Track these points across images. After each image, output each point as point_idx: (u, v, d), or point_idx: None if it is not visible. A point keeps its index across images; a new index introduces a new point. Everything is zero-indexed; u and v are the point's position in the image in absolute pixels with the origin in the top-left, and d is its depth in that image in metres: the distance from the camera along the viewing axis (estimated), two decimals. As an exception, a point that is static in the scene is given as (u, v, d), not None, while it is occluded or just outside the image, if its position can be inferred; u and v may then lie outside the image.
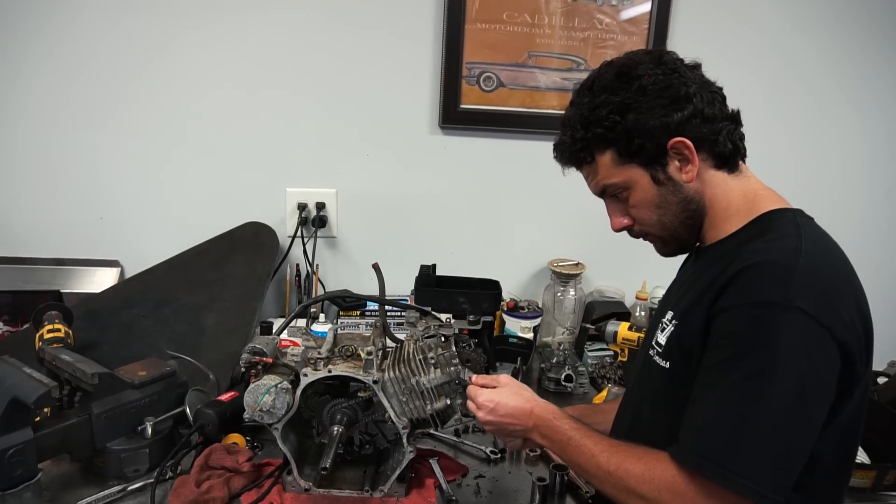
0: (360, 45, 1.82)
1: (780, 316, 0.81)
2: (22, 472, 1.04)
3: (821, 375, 0.82)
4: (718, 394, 0.85)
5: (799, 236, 0.88)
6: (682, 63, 0.97)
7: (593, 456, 0.95)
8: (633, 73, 0.94)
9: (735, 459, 0.81)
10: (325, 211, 1.91)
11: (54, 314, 1.42)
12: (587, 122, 0.96)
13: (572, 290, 1.92)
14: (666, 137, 0.92)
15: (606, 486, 0.93)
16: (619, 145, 0.95)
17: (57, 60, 1.74)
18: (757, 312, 0.83)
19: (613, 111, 0.93)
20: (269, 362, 1.14)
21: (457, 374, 1.10)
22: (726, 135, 0.95)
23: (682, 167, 0.95)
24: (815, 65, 1.96)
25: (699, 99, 0.93)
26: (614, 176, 0.98)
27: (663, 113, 0.92)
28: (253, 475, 1.20)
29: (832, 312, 0.82)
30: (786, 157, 2.00)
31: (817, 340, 0.81)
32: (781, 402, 0.80)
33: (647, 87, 0.92)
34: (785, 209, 0.95)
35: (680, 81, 0.93)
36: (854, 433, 0.93)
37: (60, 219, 1.85)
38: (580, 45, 1.87)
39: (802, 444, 0.82)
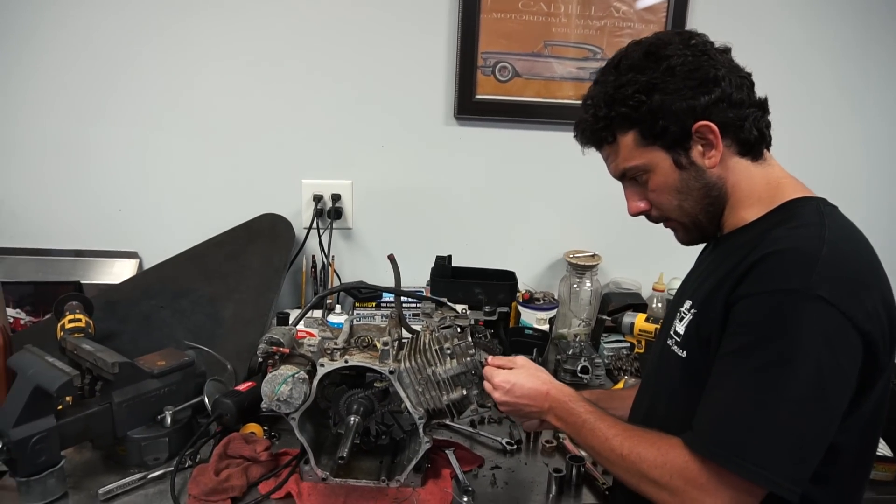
0: (376, 36, 1.82)
1: (801, 304, 0.79)
2: (46, 459, 1.06)
3: (841, 366, 0.80)
4: (734, 381, 0.84)
5: (822, 224, 0.86)
6: (711, 45, 0.94)
7: (607, 439, 0.94)
8: (662, 53, 0.91)
9: (749, 448, 0.80)
10: (341, 202, 1.91)
11: (75, 304, 1.44)
12: (611, 100, 0.94)
13: (588, 281, 1.91)
14: (692, 120, 0.90)
15: (619, 469, 0.93)
16: (642, 126, 0.92)
17: (76, 54, 1.75)
18: (777, 300, 0.81)
19: (639, 90, 0.91)
20: (287, 353, 1.15)
21: (473, 364, 1.10)
22: (752, 121, 0.92)
23: (706, 152, 0.92)
24: (841, 54, 1.92)
25: (727, 83, 0.90)
26: (636, 158, 0.95)
27: (690, 95, 0.89)
28: (270, 464, 1.21)
29: (855, 302, 0.80)
30: (808, 148, 1.96)
31: (838, 330, 0.79)
32: (799, 391, 0.79)
33: (675, 68, 0.89)
34: (809, 197, 0.93)
35: (709, 64, 0.90)
36: (875, 425, 0.92)
37: (80, 211, 1.87)
38: (596, 34, 1.85)
39: (820, 434, 0.81)
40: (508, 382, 1.05)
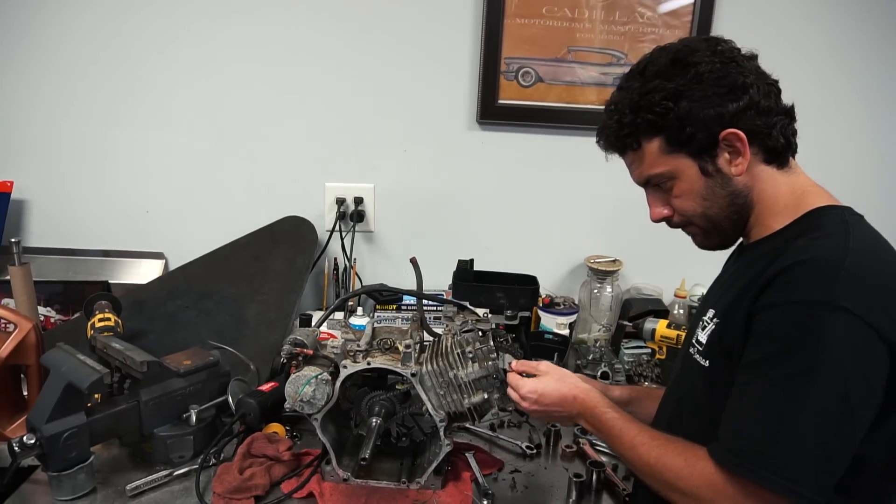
0: (399, 40, 1.83)
1: (824, 315, 0.79)
2: (76, 454, 1.09)
3: (866, 376, 0.80)
4: (758, 392, 0.83)
5: (847, 234, 0.86)
6: (738, 52, 0.94)
7: (634, 447, 0.95)
8: (690, 60, 0.91)
9: (773, 459, 0.80)
10: (363, 206, 1.93)
11: (104, 304, 1.47)
12: (637, 107, 0.93)
13: (609, 286, 1.90)
14: (719, 128, 0.89)
15: (646, 477, 0.94)
16: (668, 133, 0.92)
17: (107, 60, 1.80)
18: (801, 311, 0.81)
19: (666, 97, 0.90)
20: (310, 354, 1.17)
21: (494, 368, 1.11)
22: (780, 129, 0.92)
23: (732, 160, 0.92)
24: (869, 61, 1.89)
25: (755, 90, 0.90)
26: (661, 165, 0.95)
27: (718, 102, 0.89)
28: (293, 464, 1.22)
29: (880, 312, 0.80)
30: (840, 153, 1.93)
31: (863, 340, 0.79)
32: (823, 403, 0.79)
33: (703, 75, 0.89)
34: (833, 206, 0.93)
35: (737, 71, 0.90)
36: None
37: (108, 212, 1.91)
38: (620, 40, 1.85)
39: (845, 445, 0.80)
40: (535, 392, 1.06)
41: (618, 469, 1.28)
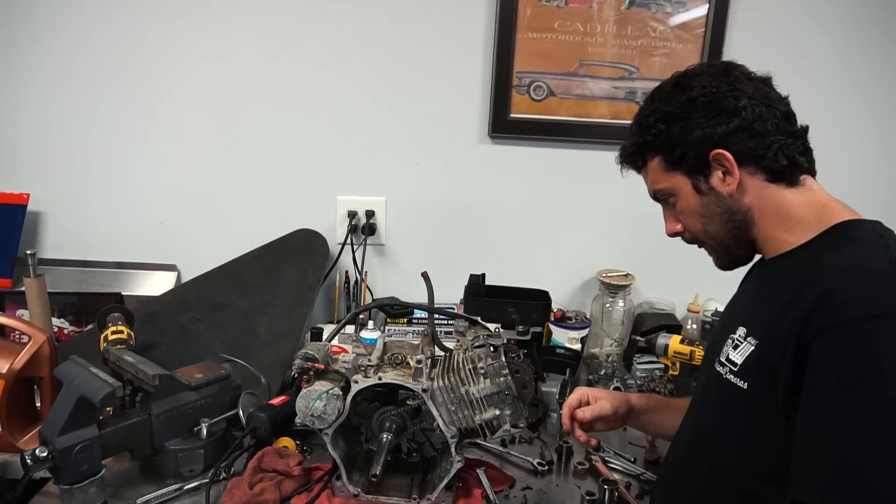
0: (411, 54, 1.84)
1: (890, 328, 0.75)
2: (88, 467, 1.09)
3: None
4: (840, 424, 0.77)
5: (886, 246, 0.84)
6: (745, 76, 0.97)
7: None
8: (688, 85, 0.96)
9: (873, 486, 0.74)
10: (375, 219, 1.93)
11: (117, 316, 1.48)
12: (640, 128, 1.01)
13: (621, 301, 1.89)
14: (708, 148, 0.94)
15: None
16: (664, 153, 0.98)
17: (122, 72, 1.82)
18: (866, 329, 0.76)
19: (660, 119, 0.97)
20: (321, 368, 1.17)
21: (506, 384, 1.10)
22: (778, 149, 0.93)
23: (725, 179, 0.95)
24: (886, 75, 1.88)
25: (748, 112, 0.92)
26: (662, 182, 1.01)
27: (707, 124, 0.93)
28: (303, 479, 1.22)
29: None
30: (853, 166, 1.92)
31: None
32: None
33: (696, 99, 0.94)
34: (862, 220, 0.91)
35: (731, 95, 0.93)
36: None
37: (122, 225, 1.93)
38: (633, 54, 1.85)
39: None
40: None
41: (630, 487, 1.26)
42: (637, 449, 1.41)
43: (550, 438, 1.43)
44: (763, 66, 1.78)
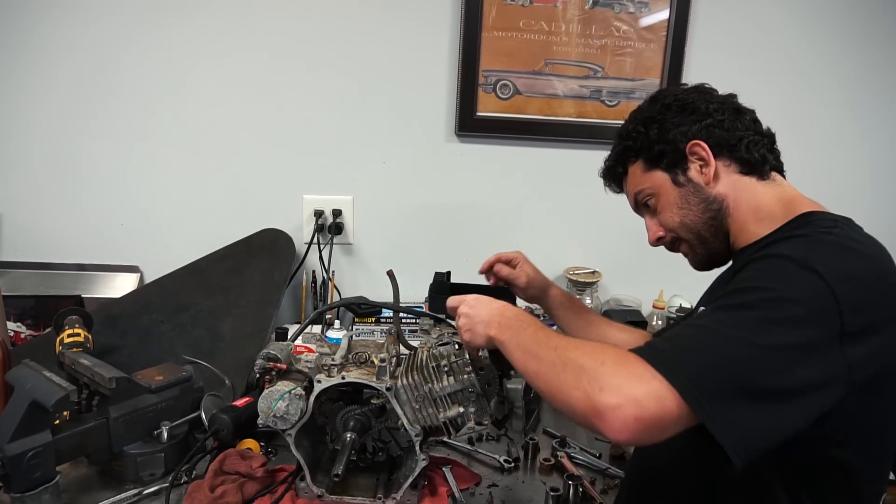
0: (377, 53, 1.84)
1: (794, 269, 0.78)
2: (41, 474, 1.05)
3: (810, 338, 0.75)
4: (699, 320, 0.82)
5: (834, 225, 0.87)
6: (710, 91, 1.06)
7: (550, 338, 0.88)
8: (661, 96, 1.06)
9: (668, 347, 0.76)
10: (342, 218, 1.92)
11: (75, 319, 1.44)
12: (620, 137, 1.10)
13: (588, 298, 1.91)
14: (684, 142, 1.00)
15: (545, 363, 0.84)
16: (644, 154, 1.05)
17: (77, 68, 1.78)
18: (770, 261, 0.82)
19: (639, 124, 1.06)
20: (284, 368, 1.15)
21: (470, 382, 1.10)
22: (749, 143, 0.99)
23: (702, 170, 1.01)
24: (835, 75, 1.94)
25: (719, 113, 1.00)
26: (643, 183, 1.07)
27: (682, 122, 1.01)
28: (266, 481, 1.20)
29: (847, 288, 0.76)
30: (812, 163, 1.97)
31: (821, 303, 0.75)
32: (748, 324, 0.75)
33: (670, 105, 1.03)
34: (826, 212, 0.94)
35: (701, 99, 1.02)
36: (886, 443, 0.89)
37: (82, 225, 1.88)
38: (597, 53, 1.87)
39: (756, 382, 0.73)
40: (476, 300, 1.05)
41: (595, 483, 1.27)
42: (603, 444, 1.42)
43: (517, 436, 1.44)
44: (723, 64, 1.83)
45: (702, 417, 0.71)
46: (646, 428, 0.71)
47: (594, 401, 0.72)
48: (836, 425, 0.81)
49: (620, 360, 0.75)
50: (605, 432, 0.72)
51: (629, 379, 0.72)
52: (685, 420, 0.71)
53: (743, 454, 0.71)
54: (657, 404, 0.70)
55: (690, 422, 0.72)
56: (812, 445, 0.83)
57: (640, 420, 0.70)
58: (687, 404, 0.70)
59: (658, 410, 0.70)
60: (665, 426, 0.71)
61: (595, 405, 0.72)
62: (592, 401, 0.73)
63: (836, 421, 0.80)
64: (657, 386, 0.71)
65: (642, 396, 0.71)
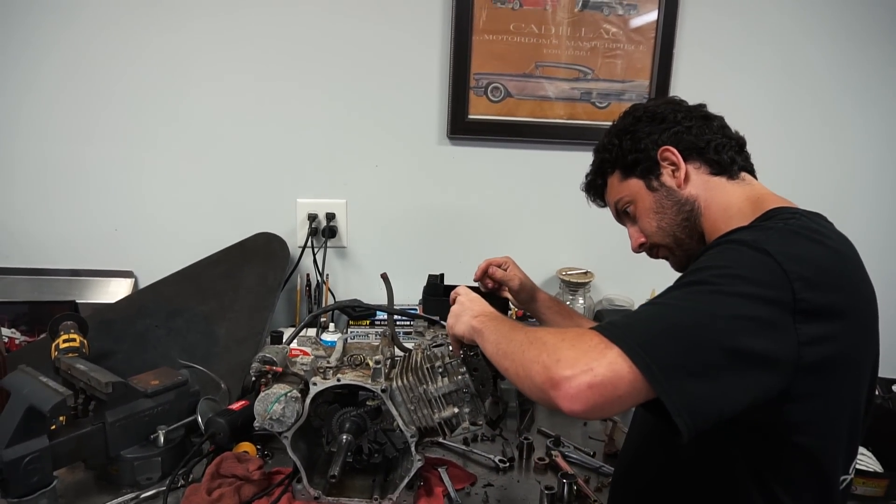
0: (369, 57, 1.85)
1: (745, 250, 0.82)
2: (38, 479, 1.06)
3: (765, 314, 0.76)
4: (656, 299, 0.85)
5: (790, 221, 0.89)
6: (680, 103, 1.11)
7: (525, 327, 0.91)
8: (633, 110, 1.12)
9: (625, 324, 0.78)
10: (335, 221, 1.93)
11: (70, 324, 1.45)
12: (597, 151, 1.17)
13: (581, 298, 1.92)
14: (655, 149, 1.05)
15: (514, 343, 0.86)
16: (620, 164, 1.11)
17: (69, 72, 1.78)
18: (723, 246, 0.85)
19: (614, 136, 1.12)
20: (279, 371, 1.16)
21: (464, 382, 1.11)
22: (717, 145, 1.03)
23: (674, 173, 1.05)
24: (823, 72, 1.97)
25: (687, 120, 1.06)
26: (620, 191, 1.12)
27: (652, 131, 1.06)
28: (263, 483, 1.21)
29: (798, 268, 0.78)
30: (792, 163, 2.01)
31: (774, 281, 0.77)
32: (705, 305, 0.76)
33: (641, 117, 1.09)
34: (791, 207, 0.96)
35: (669, 109, 1.08)
36: (845, 431, 0.90)
37: (76, 231, 1.88)
38: (588, 55, 1.88)
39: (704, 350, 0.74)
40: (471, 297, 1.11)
41: (590, 481, 1.29)
42: (596, 443, 1.43)
43: (511, 436, 1.45)
44: (712, 64, 1.85)
45: (651, 382, 0.72)
46: (599, 395, 0.72)
47: (551, 372, 0.75)
48: (796, 411, 0.83)
49: (579, 334, 0.78)
50: (560, 403, 0.74)
51: (585, 350, 0.75)
52: (638, 388, 0.73)
53: (687, 418, 0.72)
54: (608, 369, 0.72)
55: (645, 392, 0.73)
56: (776, 433, 0.86)
57: (593, 387, 0.72)
58: (637, 369, 0.72)
59: (610, 376, 0.72)
60: (618, 395, 0.72)
61: (551, 376, 0.75)
62: (549, 372, 0.75)
63: (795, 406, 0.82)
64: (609, 354, 0.73)
65: (595, 364, 0.73)
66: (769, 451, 0.88)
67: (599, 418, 0.76)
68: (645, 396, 0.74)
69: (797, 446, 0.86)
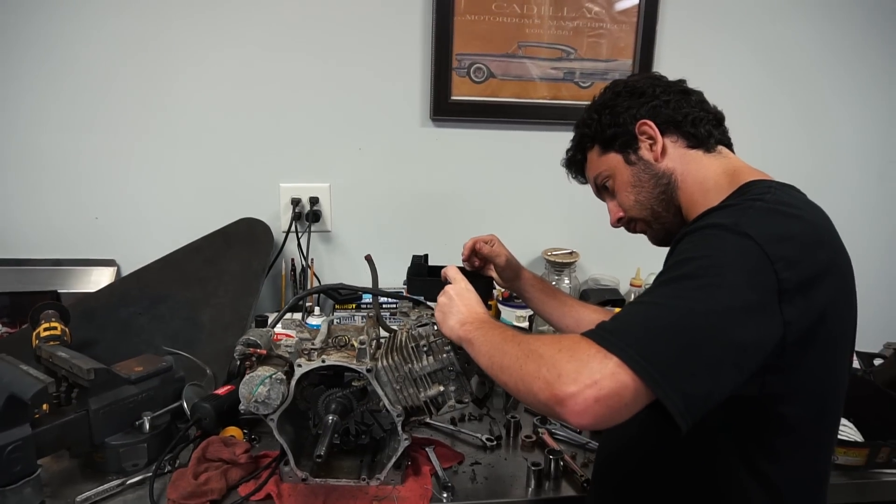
0: (350, 39, 1.83)
1: (727, 235, 0.82)
2: (21, 468, 1.05)
3: (753, 299, 0.78)
4: (644, 297, 0.84)
5: (768, 190, 0.90)
6: (662, 77, 1.11)
7: (516, 334, 0.91)
8: (613, 85, 1.12)
9: (618, 329, 0.78)
10: (319, 205, 1.92)
11: (51, 313, 1.43)
12: (577, 127, 1.17)
13: (567, 278, 1.93)
14: (633, 123, 1.06)
15: (509, 356, 0.86)
16: (598, 138, 1.11)
17: (46, 60, 1.74)
18: (704, 232, 0.85)
19: (593, 112, 1.12)
20: (264, 354, 1.15)
21: (449, 360, 1.11)
22: (694, 119, 1.04)
23: (652, 147, 1.05)
24: (806, 51, 1.98)
25: (665, 94, 1.06)
26: (599, 166, 1.12)
27: (630, 105, 1.07)
28: (250, 467, 1.21)
29: (779, 248, 0.79)
30: (777, 141, 2.02)
31: (758, 264, 0.78)
32: (692, 301, 0.77)
33: (620, 91, 1.09)
34: (766, 180, 0.97)
35: (648, 84, 1.08)
36: (829, 401, 0.92)
37: (56, 220, 1.85)
38: (570, 35, 1.88)
39: (702, 348, 0.75)
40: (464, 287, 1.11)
41: (576, 457, 1.30)
42: (583, 420, 1.44)
43: (498, 414, 1.46)
44: (695, 43, 1.85)
45: (652, 387, 0.72)
46: (606, 408, 0.72)
47: (554, 389, 0.74)
48: (779, 382, 0.84)
49: (574, 344, 0.77)
50: (568, 418, 0.74)
51: (584, 362, 0.74)
52: (641, 394, 0.73)
53: (688, 417, 0.73)
54: (612, 381, 0.72)
55: (647, 396, 0.73)
56: (760, 406, 0.87)
57: (600, 400, 0.72)
58: (639, 377, 0.72)
59: (615, 387, 0.72)
60: (624, 403, 0.73)
61: (556, 393, 0.74)
62: (553, 389, 0.74)
63: (778, 378, 0.83)
64: (610, 364, 0.73)
65: (598, 377, 0.72)
66: (752, 423, 0.88)
67: (609, 427, 0.75)
68: (649, 399, 0.74)
69: (780, 417, 0.87)
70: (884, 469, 1.29)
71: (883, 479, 1.29)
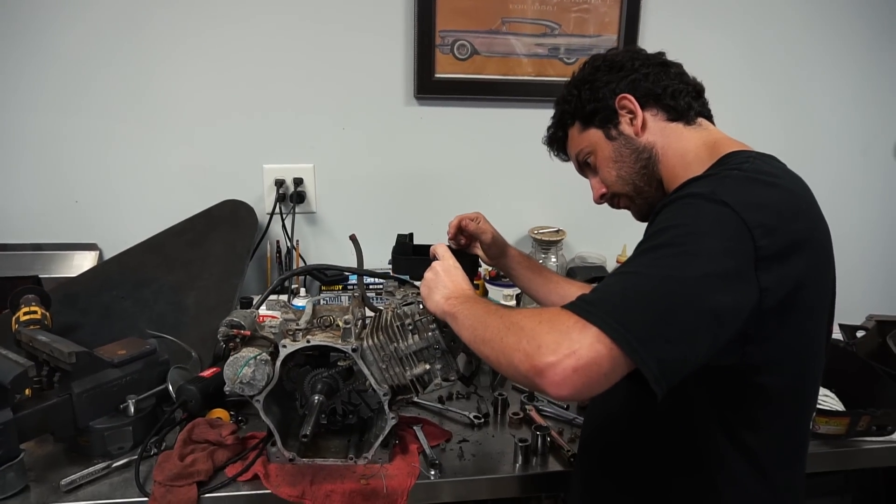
0: (331, 17, 1.80)
1: (704, 204, 0.82)
2: (3, 452, 1.05)
3: (731, 266, 0.78)
4: (623, 267, 0.84)
5: (743, 166, 0.89)
6: (641, 50, 1.10)
7: (498, 308, 0.91)
8: (592, 60, 1.11)
9: (597, 299, 0.77)
10: (303, 186, 1.90)
11: (31, 297, 1.41)
12: (557, 103, 1.15)
13: (553, 256, 1.93)
14: (613, 98, 1.04)
15: (491, 329, 0.86)
16: (579, 115, 1.10)
17: (25, 42, 1.70)
18: (682, 202, 0.84)
19: (573, 87, 1.11)
20: (248, 335, 1.14)
21: (435, 339, 1.11)
22: (673, 91, 1.03)
23: (632, 121, 1.04)
24: (792, 25, 1.97)
25: (645, 67, 1.05)
26: (581, 142, 1.11)
27: (610, 80, 1.05)
28: (237, 448, 1.21)
29: (757, 215, 0.79)
30: (762, 115, 2.02)
31: (736, 232, 0.78)
32: (671, 269, 0.77)
33: (599, 66, 1.08)
34: (745, 150, 0.96)
35: (628, 57, 1.07)
36: (806, 370, 0.92)
37: (36, 204, 1.82)
38: (554, 10, 1.85)
39: (679, 315, 0.75)
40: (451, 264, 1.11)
41: (563, 433, 1.31)
42: (570, 396, 1.45)
43: (486, 392, 1.46)
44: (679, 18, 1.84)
45: (629, 354, 0.72)
46: (585, 377, 0.72)
47: (533, 360, 0.74)
48: (758, 352, 0.84)
49: (554, 316, 0.77)
50: (547, 389, 0.73)
51: (563, 333, 0.74)
52: (619, 363, 0.73)
53: (662, 383, 0.73)
54: (590, 350, 0.72)
55: (625, 364, 0.73)
56: (740, 376, 0.87)
57: (578, 370, 0.72)
58: (617, 345, 0.72)
59: (593, 356, 0.72)
60: (603, 373, 0.73)
61: (534, 364, 0.74)
62: (532, 360, 0.74)
63: (758, 348, 0.84)
64: (588, 334, 0.73)
65: (577, 347, 0.72)
66: (733, 393, 0.89)
67: (589, 398, 0.74)
68: (628, 369, 0.74)
69: (760, 387, 0.88)
70: (864, 437, 1.31)
71: (863, 446, 1.32)
